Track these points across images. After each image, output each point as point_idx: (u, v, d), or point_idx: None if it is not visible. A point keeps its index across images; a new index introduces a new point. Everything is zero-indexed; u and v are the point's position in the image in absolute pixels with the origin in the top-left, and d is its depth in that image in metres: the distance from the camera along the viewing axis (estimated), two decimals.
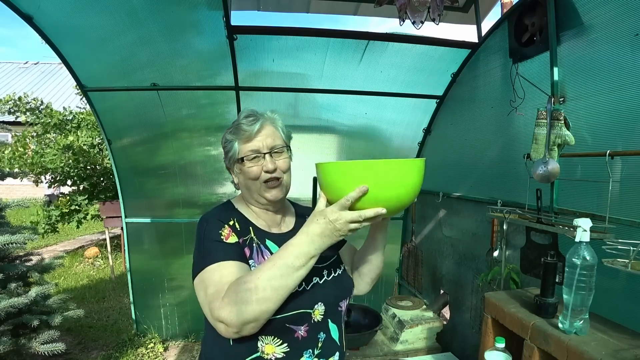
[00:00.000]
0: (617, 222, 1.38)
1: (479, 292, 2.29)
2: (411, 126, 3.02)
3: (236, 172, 1.09)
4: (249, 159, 1.02)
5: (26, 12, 2.00)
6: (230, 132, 1.07)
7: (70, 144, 5.35)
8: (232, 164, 1.07)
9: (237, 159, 1.05)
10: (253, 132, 1.02)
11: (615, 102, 1.47)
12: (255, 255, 1.00)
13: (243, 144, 1.04)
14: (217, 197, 3.24)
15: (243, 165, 1.03)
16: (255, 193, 1.05)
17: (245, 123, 1.03)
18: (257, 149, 1.03)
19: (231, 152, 1.06)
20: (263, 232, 1.06)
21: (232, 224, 1.02)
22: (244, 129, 1.03)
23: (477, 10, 2.34)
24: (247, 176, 1.04)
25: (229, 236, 0.98)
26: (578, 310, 1.09)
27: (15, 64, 16.21)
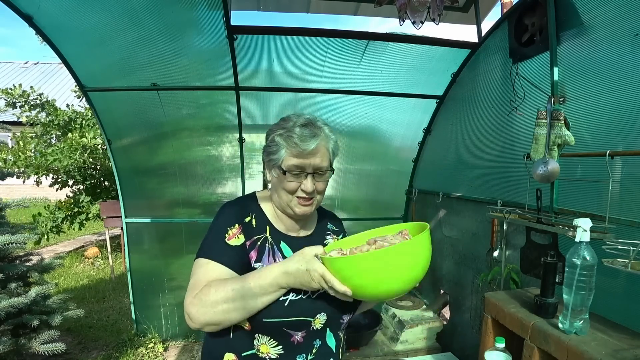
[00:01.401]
0: (617, 222, 1.38)
1: (479, 292, 2.29)
2: (411, 126, 3.02)
3: (271, 173, 1.04)
4: (291, 173, 0.98)
5: (26, 12, 2.00)
6: (280, 136, 0.99)
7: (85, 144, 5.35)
8: (271, 165, 1.02)
9: (279, 165, 0.99)
10: (306, 151, 0.96)
11: (615, 102, 1.47)
12: (266, 256, 1.00)
13: (290, 156, 0.97)
14: (217, 197, 3.24)
15: (283, 175, 0.98)
16: (285, 203, 1.02)
17: (299, 136, 0.96)
18: (303, 167, 0.98)
19: (275, 156, 1.00)
20: (279, 234, 1.05)
21: (248, 221, 1.02)
22: (297, 142, 0.96)
23: (477, 10, 2.34)
24: (282, 186, 1.00)
25: (233, 237, 0.99)
26: (578, 310, 1.09)
27: (15, 64, 16.22)
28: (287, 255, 1.02)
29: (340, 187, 3.31)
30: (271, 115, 2.92)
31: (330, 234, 1.17)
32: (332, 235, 1.17)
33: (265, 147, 1.05)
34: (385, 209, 3.45)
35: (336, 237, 1.18)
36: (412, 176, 3.26)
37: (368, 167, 3.31)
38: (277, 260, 1.00)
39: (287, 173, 0.97)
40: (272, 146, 1.01)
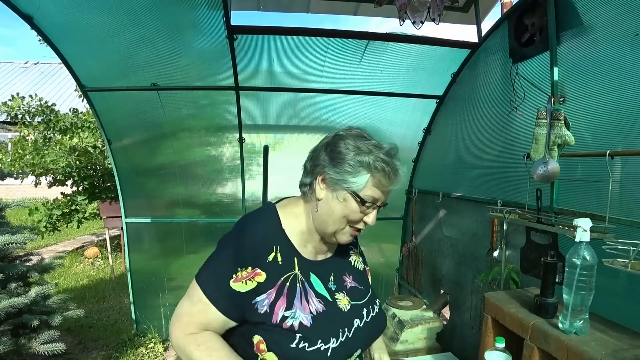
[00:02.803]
0: (617, 222, 1.38)
1: (479, 292, 2.29)
2: (411, 126, 3.02)
3: (333, 194, 0.89)
4: (365, 202, 0.87)
5: (26, 12, 2.00)
6: (369, 158, 0.86)
7: (75, 145, 5.35)
8: (340, 186, 0.87)
9: (353, 191, 0.87)
10: (390, 187, 0.89)
11: (615, 102, 1.47)
12: (298, 300, 0.88)
13: (373, 186, 0.87)
14: (217, 197, 3.24)
15: (356, 204, 0.87)
16: (331, 229, 0.91)
17: (394, 170, 0.87)
18: (377, 200, 0.89)
19: (353, 179, 0.86)
20: (308, 263, 0.94)
21: (272, 259, 0.88)
22: (389, 175, 0.86)
23: (477, 10, 2.34)
24: (346, 214, 0.88)
25: (240, 281, 0.85)
26: (578, 310, 1.09)
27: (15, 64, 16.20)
28: (320, 290, 0.93)
29: None
30: (271, 115, 2.92)
31: (352, 249, 1.11)
32: (354, 250, 1.11)
33: (336, 162, 0.88)
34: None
35: (356, 250, 1.12)
36: (412, 176, 3.26)
37: None
38: (310, 301, 0.90)
39: (364, 204, 0.87)
40: (354, 166, 0.86)
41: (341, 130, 0.94)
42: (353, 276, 1.04)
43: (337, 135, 0.93)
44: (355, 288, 1.02)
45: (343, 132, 0.93)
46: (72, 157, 5.37)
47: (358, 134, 0.91)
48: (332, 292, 0.95)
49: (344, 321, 0.93)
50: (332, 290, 0.96)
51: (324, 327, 0.88)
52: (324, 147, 0.92)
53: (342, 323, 0.93)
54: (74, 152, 5.37)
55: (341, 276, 1.01)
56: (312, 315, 0.88)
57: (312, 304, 0.89)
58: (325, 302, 0.92)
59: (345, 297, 0.97)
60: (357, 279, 1.05)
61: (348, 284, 1.01)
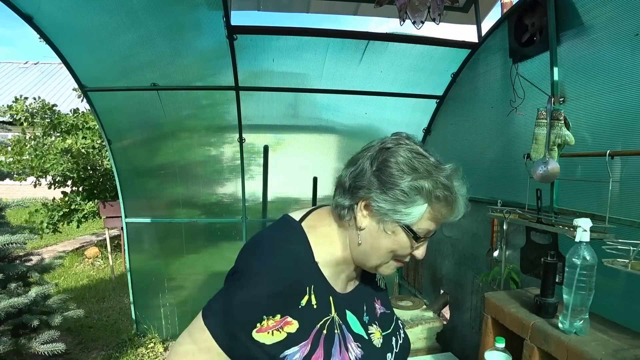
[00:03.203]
0: (617, 222, 1.38)
1: (479, 292, 2.29)
2: (411, 126, 3.02)
3: (379, 225, 0.73)
4: (419, 238, 0.73)
5: (26, 12, 2.00)
6: (430, 184, 0.70)
7: (69, 147, 5.35)
8: (389, 217, 0.71)
9: (405, 225, 0.71)
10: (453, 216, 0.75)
11: (615, 102, 1.47)
12: (337, 349, 0.72)
13: (430, 219, 0.73)
14: (217, 197, 3.24)
15: (408, 239, 0.73)
16: (374, 263, 0.76)
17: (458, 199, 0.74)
18: (431, 233, 0.75)
19: (407, 210, 0.70)
20: (342, 299, 0.78)
21: (305, 304, 0.70)
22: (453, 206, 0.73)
23: (477, 10, 2.34)
24: (394, 248, 0.74)
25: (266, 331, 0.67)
26: (578, 310, 1.09)
27: (15, 64, 16.20)
28: (357, 330, 0.78)
29: None
30: (271, 115, 2.92)
31: None
32: None
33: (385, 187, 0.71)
34: None
35: None
36: None
37: None
38: (350, 347, 0.74)
39: (415, 235, 0.72)
40: (409, 194, 0.70)
41: (389, 140, 0.75)
42: (381, 300, 0.91)
43: (387, 150, 0.73)
44: (384, 314, 0.89)
45: (392, 143, 0.74)
46: (66, 159, 5.36)
47: (413, 149, 0.73)
48: (366, 325, 0.81)
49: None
50: (366, 323, 0.82)
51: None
52: (369, 163, 0.73)
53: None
54: (67, 154, 5.36)
55: (372, 303, 0.88)
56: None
57: (352, 351, 0.74)
58: (362, 344, 0.78)
59: (378, 329, 0.84)
60: (384, 302, 0.92)
61: (378, 311, 0.88)
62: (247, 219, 3.13)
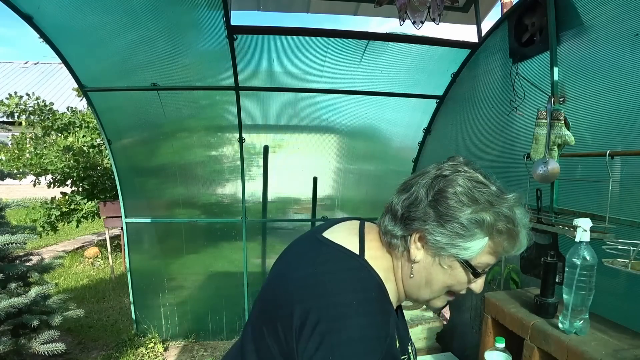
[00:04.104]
0: (617, 222, 1.38)
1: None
2: (411, 126, 3.02)
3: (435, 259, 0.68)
4: (478, 273, 0.68)
5: (26, 12, 2.00)
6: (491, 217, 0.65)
7: (70, 145, 5.35)
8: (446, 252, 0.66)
9: (464, 259, 0.66)
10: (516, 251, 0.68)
11: (615, 102, 1.47)
12: None
13: (490, 253, 0.67)
14: (217, 197, 3.24)
15: (466, 274, 0.68)
16: (429, 297, 0.72)
17: (521, 232, 0.67)
18: (490, 265, 0.70)
19: (467, 244, 0.65)
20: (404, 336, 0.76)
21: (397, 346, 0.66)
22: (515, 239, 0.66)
23: (477, 10, 2.34)
24: (446, 284, 0.69)
25: None
26: (578, 310, 1.09)
27: (15, 64, 16.20)
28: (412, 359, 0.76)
29: (340, 187, 3.31)
30: (271, 115, 2.92)
31: None
32: None
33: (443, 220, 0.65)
34: None
35: None
36: None
37: (368, 167, 3.31)
38: None
39: (475, 271, 0.67)
40: (468, 228, 0.64)
41: (447, 167, 0.68)
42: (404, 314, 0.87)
43: (444, 178, 0.67)
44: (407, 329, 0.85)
45: (450, 170, 0.67)
46: (67, 157, 5.36)
47: (472, 177, 0.67)
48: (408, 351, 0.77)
49: None
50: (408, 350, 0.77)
51: None
52: (424, 192, 0.67)
53: None
54: (69, 152, 5.36)
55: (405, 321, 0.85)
56: None
57: None
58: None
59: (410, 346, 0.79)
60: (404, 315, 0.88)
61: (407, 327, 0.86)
62: (247, 219, 3.13)
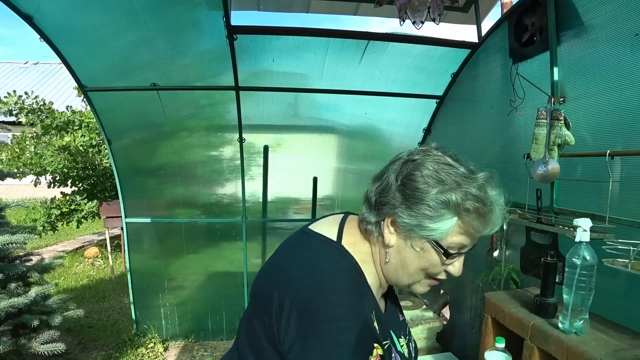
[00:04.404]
0: (617, 222, 1.38)
1: (479, 292, 2.29)
2: (411, 126, 3.02)
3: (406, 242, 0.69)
4: (451, 254, 0.68)
5: (26, 12, 2.00)
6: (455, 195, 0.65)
7: (67, 144, 5.34)
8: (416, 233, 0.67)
9: (434, 240, 0.67)
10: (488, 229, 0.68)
11: (615, 102, 1.46)
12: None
13: (461, 233, 0.67)
14: (217, 197, 3.24)
15: (438, 255, 0.68)
16: (405, 282, 0.73)
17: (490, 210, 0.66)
18: (466, 246, 0.70)
19: (435, 225, 0.66)
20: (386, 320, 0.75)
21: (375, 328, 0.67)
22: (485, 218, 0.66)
23: (477, 10, 2.34)
24: (424, 266, 0.70)
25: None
26: (578, 310, 1.09)
27: (15, 64, 16.20)
28: (401, 349, 0.76)
29: (340, 187, 3.31)
30: (271, 115, 2.92)
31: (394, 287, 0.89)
32: None
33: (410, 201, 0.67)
34: None
35: None
36: None
37: (368, 167, 3.31)
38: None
39: (447, 252, 0.68)
40: (435, 208, 0.65)
41: (417, 152, 0.70)
42: (399, 308, 0.88)
43: (413, 162, 0.69)
44: (403, 322, 0.86)
45: (419, 155, 0.69)
46: (63, 156, 5.36)
47: (440, 160, 0.68)
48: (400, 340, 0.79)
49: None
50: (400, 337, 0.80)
51: None
52: (394, 177, 0.69)
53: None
54: (64, 152, 5.36)
55: (398, 315, 0.86)
56: None
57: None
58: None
59: (404, 339, 0.81)
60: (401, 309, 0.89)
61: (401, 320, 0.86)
62: (247, 219, 3.13)
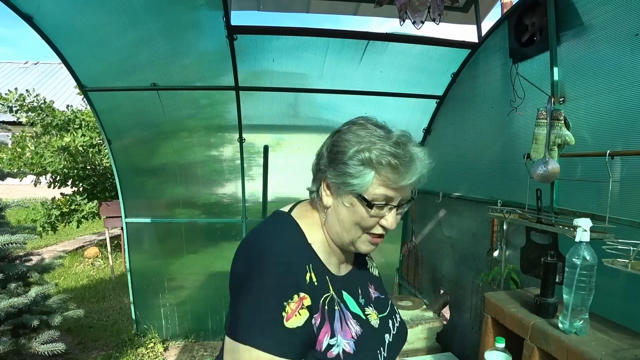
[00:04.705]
0: (617, 222, 1.38)
1: (479, 292, 2.29)
2: (411, 126, 3.02)
3: (338, 199, 0.78)
4: (378, 205, 0.75)
5: (26, 12, 2.00)
6: (370, 152, 0.73)
7: (67, 145, 5.34)
8: (344, 190, 0.76)
9: (359, 193, 0.75)
10: (402, 182, 0.74)
11: (615, 102, 1.47)
12: (338, 323, 0.76)
13: (380, 184, 0.74)
14: (217, 197, 3.24)
15: (363, 207, 0.75)
16: (347, 239, 0.80)
17: (401, 162, 0.73)
18: (392, 198, 0.76)
19: (355, 181, 0.74)
20: (337, 280, 0.83)
21: (309, 280, 0.74)
22: (397, 169, 0.73)
23: (477, 10, 2.34)
24: (356, 220, 0.77)
25: (293, 315, 0.69)
26: (578, 310, 1.09)
27: (15, 64, 16.20)
28: (354, 310, 0.82)
29: None
30: (271, 115, 2.92)
31: (369, 259, 1.01)
32: (370, 259, 1.02)
33: (335, 163, 0.77)
34: None
35: (373, 261, 1.03)
36: None
37: None
38: (349, 324, 0.78)
39: (373, 206, 0.75)
40: (353, 165, 0.74)
41: (345, 124, 0.82)
42: (375, 285, 0.96)
43: (338, 131, 0.81)
44: (379, 298, 0.93)
45: (346, 125, 0.81)
46: (63, 157, 5.36)
47: (361, 126, 0.78)
48: (362, 307, 0.86)
49: (378, 340, 0.84)
50: (362, 305, 0.86)
51: (365, 352, 0.79)
52: (325, 147, 0.82)
53: (378, 342, 0.83)
54: (64, 152, 5.35)
55: (366, 288, 0.92)
56: (353, 340, 0.77)
57: (352, 327, 0.79)
58: (360, 322, 0.82)
59: (374, 311, 0.88)
60: (378, 287, 0.96)
61: (372, 295, 0.92)
62: (247, 219, 3.13)
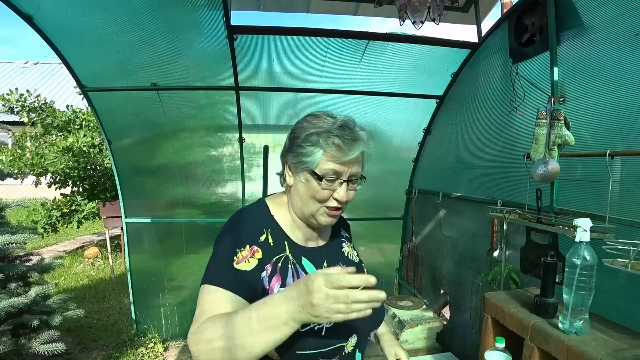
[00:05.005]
0: (617, 222, 1.38)
1: (479, 292, 2.29)
2: (411, 126, 3.02)
3: (297, 177, 0.95)
4: (327, 179, 0.90)
5: (26, 12, 2.00)
6: (318, 135, 0.90)
7: (70, 145, 5.34)
8: (300, 168, 0.93)
9: (311, 170, 0.91)
10: (346, 158, 0.89)
11: (615, 102, 1.46)
12: (290, 278, 0.91)
13: (328, 160, 0.90)
14: (217, 197, 3.24)
15: (316, 181, 0.91)
16: (311, 212, 0.95)
17: (343, 139, 0.89)
18: (340, 173, 0.91)
19: (308, 159, 0.90)
20: (299, 248, 0.97)
21: (264, 240, 0.91)
22: (340, 146, 0.89)
23: (477, 10, 2.34)
24: (312, 194, 0.92)
25: (243, 260, 0.87)
26: (578, 310, 1.09)
27: (15, 64, 16.20)
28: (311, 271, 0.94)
29: None
30: (271, 115, 2.92)
31: (345, 242, 1.14)
32: (347, 243, 1.14)
33: (292, 147, 0.95)
34: (385, 209, 3.45)
35: (349, 244, 1.15)
36: (412, 176, 3.26)
37: (368, 167, 3.30)
38: None
39: (323, 179, 0.90)
40: (305, 146, 0.91)
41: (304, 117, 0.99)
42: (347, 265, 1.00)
43: (297, 122, 0.99)
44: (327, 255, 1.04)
45: (305, 119, 0.98)
46: (67, 158, 5.36)
47: (314, 116, 0.96)
48: None
49: None
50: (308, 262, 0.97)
51: None
52: (288, 138, 1.00)
53: None
54: (68, 152, 5.35)
55: (335, 264, 1.03)
56: None
57: None
58: None
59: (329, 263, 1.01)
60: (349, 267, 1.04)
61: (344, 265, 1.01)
62: None
